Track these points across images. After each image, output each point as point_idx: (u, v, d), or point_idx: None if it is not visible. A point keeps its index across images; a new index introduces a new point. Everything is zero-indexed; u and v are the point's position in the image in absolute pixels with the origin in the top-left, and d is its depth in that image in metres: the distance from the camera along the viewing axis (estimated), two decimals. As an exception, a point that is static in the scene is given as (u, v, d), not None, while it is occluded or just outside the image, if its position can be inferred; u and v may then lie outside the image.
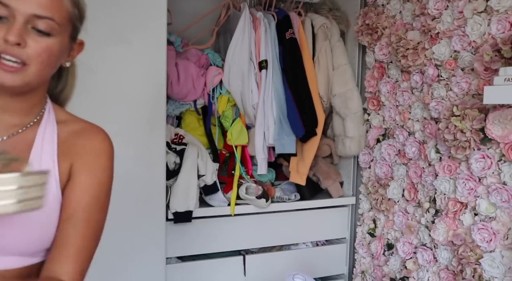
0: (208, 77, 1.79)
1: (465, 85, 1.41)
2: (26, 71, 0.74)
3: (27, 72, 0.74)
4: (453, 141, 1.39)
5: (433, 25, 1.51)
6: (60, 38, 0.78)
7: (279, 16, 1.85)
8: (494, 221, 1.33)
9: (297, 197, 1.96)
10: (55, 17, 0.75)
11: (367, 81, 1.87)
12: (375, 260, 1.85)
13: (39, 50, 0.74)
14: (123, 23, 1.37)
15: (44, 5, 0.74)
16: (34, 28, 0.74)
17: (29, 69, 0.74)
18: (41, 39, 0.74)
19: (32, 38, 0.74)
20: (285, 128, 1.80)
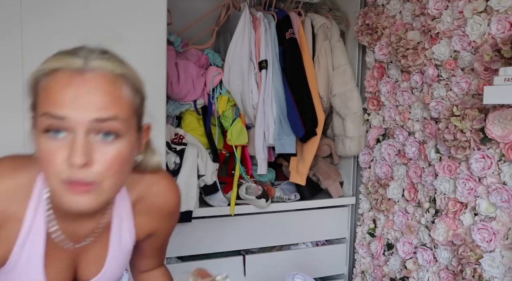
0: (208, 77, 1.79)
1: (465, 85, 1.41)
2: (100, 188, 0.66)
3: (101, 190, 0.66)
4: (453, 141, 1.39)
5: (433, 25, 1.51)
6: (128, 136, 0.68)
7: (279, 16, 1.85)
8: (494, 221, 1.33)
9: (297, 197, 1.96)
10: (118, 115, 0.66)
11: (367, 81, 1.87)
12: (375, 260, 1.85)
13: (109, 163, 0.65)
14: (123, 23, 1.37)
15: (104, 105, 0.64)
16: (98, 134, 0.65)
17: (103, 185, 0.66)
18: (108, 147, 0.65)
19: (98, 149, 0.65)
20: (285, 128, 1.80)
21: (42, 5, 1.27)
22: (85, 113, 0.63)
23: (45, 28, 1.28)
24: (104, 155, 0.65)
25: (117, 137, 0.66)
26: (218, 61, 1.84)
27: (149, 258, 1.01)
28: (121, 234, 0.86)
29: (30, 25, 1.27)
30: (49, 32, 1.29)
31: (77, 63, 0.65)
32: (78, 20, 1.31)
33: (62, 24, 1.30)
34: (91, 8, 1.33)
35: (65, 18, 1.30)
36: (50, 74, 0.65)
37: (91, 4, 1.33)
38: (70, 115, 0.63)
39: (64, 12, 1.30)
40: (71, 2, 1.30)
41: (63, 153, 0.64)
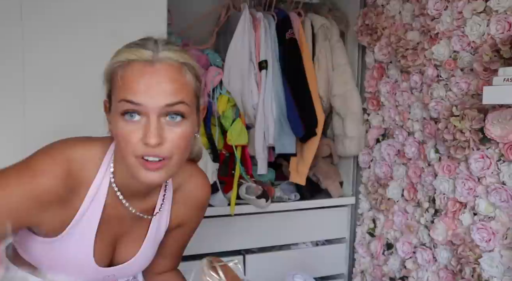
0: (208, 77, 1.79)
1: (465, 85, 1.41)
2: (169, 164, 0.76)
3: (170, 166, 0.77)
4: (453, 141, 1.40)
5: (432, 25, 1.51)
6: (191, 117, 0.79)
7: (279, 17, 1.85)
8: (493, 220, 1.33)
9: (297, 197, 1.96)
10: (184, 99, 0.76)
11: (367, 81, 1.88)
12: (374, 260, 1.85)
13: (177, 141, 0.76)
14: (123, 23, 1.37)
15: (173, 92, 0.74)
16: (167, 116, 0.75)
17: (171, 161, 0.76)
18: (176, 127, 0.76)
19: (168, 129, 0.75)
20: (285, 128, 1.80)
21: (43, 9, 1.27)
22: (157, 99, 0.73)
23: (46, 26, 1.29)
24: (173, 134, 0.75)
25: (183, 118, 0.76)
26: (218, 61, 1.84)
27: (168, 258, 1.06)
28: (160, 219, 0.94)
29: (31, 23, 1.27)
30: (50, 30, 1.29)
31: (147, 55, 0.75)
32: (78, 22, 1.32)
33: (62, 23, 1.30)
34: (91, 9, 1.33)
35: (65, 17, 1.30)
36: (125, 65, 0.75)
37: (91, 6, 1.33)
38: (145, 102, 0.73)
39: (64, 11, 1.30)
40: (72, 5, 1.31)
41: (139, 134, 0.74)
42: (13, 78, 1.27)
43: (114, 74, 0.76)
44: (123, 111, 0.74)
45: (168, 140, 0.75)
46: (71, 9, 1.31)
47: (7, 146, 1.27)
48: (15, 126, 1.28)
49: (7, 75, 1.26)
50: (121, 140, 0.75)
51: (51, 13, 1.29)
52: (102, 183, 0.83)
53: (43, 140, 1.28)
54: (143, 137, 0.73)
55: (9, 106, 1.27)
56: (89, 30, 1.34)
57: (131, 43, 0.79)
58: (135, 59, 0.75)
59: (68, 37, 1.32)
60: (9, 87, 1.27)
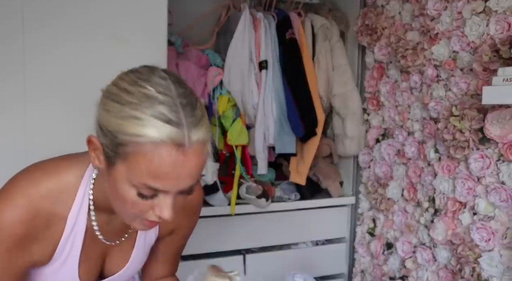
0: (209, 77, 1.79)
1: (464, 85, 1.41)
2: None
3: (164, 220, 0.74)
4: (452, 141, 1.40)
5: (432, 25, 1.52)
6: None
7: (279, 17, 1.85)
8: (492, 220, 1.33)
9: (297, 196, 1.96)
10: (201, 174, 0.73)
11: (367, 81, 1.88)
12: (374, 259, 1.86)
13: (181, 206, 0.73)
14: (124, 24, 1.38)
15: (197, 174, 0.70)
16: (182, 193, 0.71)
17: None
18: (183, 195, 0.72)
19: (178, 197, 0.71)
20: (285, 128, 1.80)
21: (43, 8, 1.27)
22: (183, 184, 0.68)
23: (46, 31, 1.28)
24: (181, 198, 0.72)
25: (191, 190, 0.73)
26: (218, 61, 1.84)
27: (164, 263, 1.02)
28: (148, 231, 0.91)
29: (32, 28, 1.27)
30: (51, 35, 1.29)
31: (179, 138, 0.65)
32: (79, 22, 1.32)
33: (63, 27, 1.30)
34: (92, 10, 1.33)
35: (66, 21, 1.30)
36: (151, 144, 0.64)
37: (92, 6, 1.33)
38: (169, 189, 0.68)
39: (65, 15, 1.30)
40: (72, 5, 1.31)
41: (150, 204, 0.70)
42: (14, 83, 1.27)
43: (135, 147, 0.65)
44: (140, 193, 0.68)
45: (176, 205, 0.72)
46: (72, 13, 1.31)
47: (9, 154, 1.27)
48: (17, 130, 1.28)
49: (9, 80, 1.26)
50: (126, 205, 0.71)
51: (51, 18, 1.29)
52: (80, 211, 0.78)
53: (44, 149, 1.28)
54: (156, 209, 0.70)
55: (11, 110, 1.27)
56: (90, 32, 1.34)
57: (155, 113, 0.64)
58: (165, 141, 0.64)
59: (69, 44, 1.31)
60: (10, 98, 1.27)
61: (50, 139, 1.31)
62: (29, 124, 1.29)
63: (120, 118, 0.65)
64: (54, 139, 1.32)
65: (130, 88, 0.66)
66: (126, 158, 0.66)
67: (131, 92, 0.66)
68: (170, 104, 0.65)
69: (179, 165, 0.65)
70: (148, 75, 0.69)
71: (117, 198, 0.71)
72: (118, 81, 0.70)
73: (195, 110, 0.67)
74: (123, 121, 0.64)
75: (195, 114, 0.67)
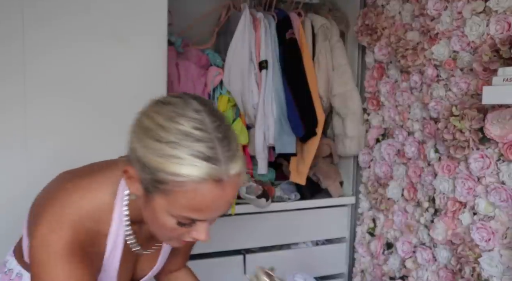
0: (209, 77, 1.79)
1: (464, 85, 1.41)
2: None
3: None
4: (452, 140, 1.40)
5: (432, 25, 1.52)
6: None
7: (279, 17, 1.85)
8: (492, 220, 1.33)
9: (297, 196, 1.96)
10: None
11: (367, 81, 1.88)
12: (374, 259, 1.86)
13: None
14: (124, 24, 1.38)
15: (232, 201, 0.75)
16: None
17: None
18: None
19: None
20: (285, 128, 1.80)
21: (43, 8, 1.27)
22: (220, 212, 0.74)
23: (47, 31, 1.28)
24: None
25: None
26: (218, 61, 1.84)
27: (180, 256, 1.06)
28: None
29: (32, 28, 1.27)
30: (51, 35, 1.29)
31: (218, 174, 0.68)
32: (79, 23, 1.32)
33: (63, 27, 1.30)
34: (92, 10, 1.33)
35: (66, 21, 1.30)
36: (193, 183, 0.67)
37: (92, 6, 1.33)
38: (208, 217, 0.73)
39: (65, 15, 1.30)
40: (72, 5, 1.31)
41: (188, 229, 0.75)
42: (14, 88, 1.27)
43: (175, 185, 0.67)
44: (180, 222, 0.73)
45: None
46: (72, 13, 1.31)
47: (8, 154, 1.28)
48: (17, 131, 1.28)
49: (9, 81, 1.26)
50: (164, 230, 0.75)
51: (52, 18, 1.29)
52: (120, 226, 0.82)
53: (44, 149, 1.30)
54: (193, 233, 0.75)
55: (11, 111, 1.27)
56: (90, 32, 1.34)
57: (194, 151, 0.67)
58: (205, 179, 0.67)
59: (69, 44, 1.31)
60: (10, 98, 1.27)
61: (50, 139, 1.31)
62: (29, 124, 1.29)
63: (160, 156, 0.67)
64: (54, 139, 1.32)
65: (166, 125, 0.68)
66: (167, 193, 0.69)
67: (168, 129, 0.67)
68: (207, 140, 0.67)
69: (218, 198, 0.69)
70: (183, 108, 0.70)
71: (155, 224, 0.76)
72: (153, 115, 0.71)
73: (231, 143, 0.70)
74: (163, 160, 0.67)
75: (231, 148, 0.69)
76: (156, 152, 0.67)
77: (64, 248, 0.75)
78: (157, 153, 0.67)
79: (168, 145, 0.67)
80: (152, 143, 0.68)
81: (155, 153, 0.67)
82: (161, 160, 0.67)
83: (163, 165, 0.67)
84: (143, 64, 1.43)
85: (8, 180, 1.28)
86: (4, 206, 1.27)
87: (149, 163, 0.68)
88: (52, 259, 0.75)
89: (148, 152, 0.68)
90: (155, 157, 0.67)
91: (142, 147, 0.69)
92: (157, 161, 0.67)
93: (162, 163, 0.67)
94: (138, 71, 1.42)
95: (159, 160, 0.67)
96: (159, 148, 0.67)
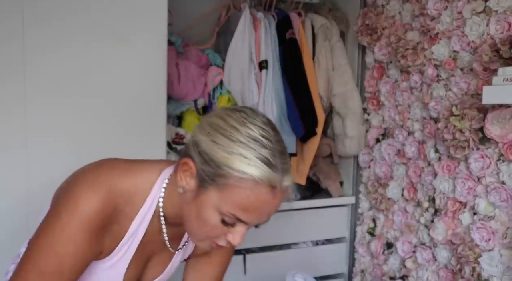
0: (209, 77, 1.79)
1: (464, 85, 1.41)
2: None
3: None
4: (452, 140, 1.40)
5: (432, 25, 1.52)
6: None
7: (279, 17, 1.85)
8: (492, 220, 1.34)
9: (297, 196, 1.96)
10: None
11: (367, 81, 1.88)
12: (374, 259, 1.86)
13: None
14: (124, 24, 1.38)
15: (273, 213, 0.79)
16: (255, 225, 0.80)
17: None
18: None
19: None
20: (285, 127, 1.80)
21: (43, 8, 1.27)
22: (263, 219, 0.79)
23: (47, 31, 1.28)
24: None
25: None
26: (218, 61, 1.84)
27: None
28: (185, 251, 0.98)
29: (32, 28, 1.27)
30: (51, 35, 1.29)
31: (276, 181, 0.74)
32: (79, 23, 1.31)
33: (63, 27, 1.30)
34: (92, 11, 1.34)
35: (66, 21, 1.30)
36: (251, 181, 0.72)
37: (92, 6, 1.33)
38: (252, 220, 0.77)
39: (65, 15, 1.30)
40: (72, 5, 1.31)
41: (226, 230, 0.78)
42: (14, 88, 1.26)
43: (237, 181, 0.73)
44: (224, 220, 0.76)
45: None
46: (72, 13, 1.31)
47: (8, 154, 1.27)
48: (17, 131, 1.28)
49: (8, 81, 1.26)
50: (204, 227, 0.78)
51: (52, 18, 1.29)
52: (147, 214, 0.83)
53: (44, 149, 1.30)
54: (229, 235, 0.78)
55: (11, 110, 1.27)
56: (90, 33, 1.34)
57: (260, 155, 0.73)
58: (264, 181, 0.73)
59: (69, 44, 1.31)
60: (10, 98, 1.27)
61: (50, 139, 1.31)
62: (29, 124, 1.29)
63: (229, 152, 0.73)
64: (54, 139, 1.32)
65: (239, 127, 0.75)
66: (224, 188, 0.73)
67: (239, 131, 0.74)
68: (271, 149, 0.74)
69: (268, 203, 0.75)
70: (253, 117, 0.77)
71: (197, 219, 0.78)
72: (225, 117, 0.77)
73: (286, 158, 0.77)
74: (231, 156, 0.72)
75: (287, 162, 0.77)
76: (225, 148, 0.73)
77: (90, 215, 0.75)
78: (226, 149, 0.73)
79: (237, 144, 0.73)
80: (223, 140, 0.73)
81: (224, 149, 0.73)
82: (229, 156, 0.72)
83: (230, 160, 0.72)
84: (143, 64, 1.43)
85: (8, 180, 1.28)
86: (4, 206, 1.27)
87: (215, 157, 0.73)
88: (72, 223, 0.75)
89: (217, 147, 0.73)
90: (223, 152, 0.73)
91: (211, 142, 0.74)
92: (225, 156, 0.72)
93: (230, 158, 0.72)
94: (138, 71, 1.42)
95: (227, 155, 0.72)
96: (229, 145, 0.73)
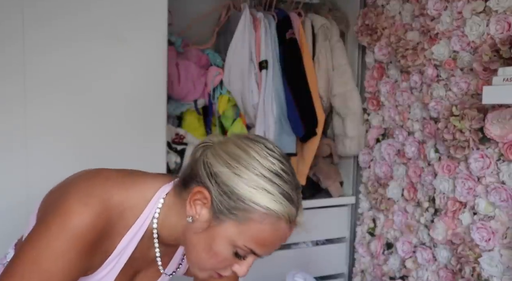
0: (209, 77, 1.79)
1: (464, 85, 1.41)
2: None
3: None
4: (452, 140, 1.40)
5: (432, 25, 1.52)
6: None
7: (279, 17, 1.86)
8: (492, 220, 1.34)
9: (297, 196, 1.96)
10: None
11: (367, 81, 1.88)
12: (374, 259, 1.86)
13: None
14: (124, 24, 1.38)
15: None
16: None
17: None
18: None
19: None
20: (285, 128, 1.80)
21: (43, 8, 1.27)
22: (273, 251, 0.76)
23: (47, 31, 1.28)
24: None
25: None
26: (218, 61, 1.84)
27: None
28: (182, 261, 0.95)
29: (32, 28, 1.27)
30: (51, 35, 1.29)
31: (294, 216, 0.74)
32: (79, 23, 1.32)
33: (63, 27, 1.30)
34: (92, 10, 1.34)
35: (66, 21, 1.30)
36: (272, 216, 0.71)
37: (92, 6, 1.33)
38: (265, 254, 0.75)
39: (65, 15, 1.30)
40: (72, 5, 1.31)
41: (234, 261, 0.76)
42: (14, 88, 1.27)
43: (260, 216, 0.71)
44: (237, 253, 0.75)
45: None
46: (72, 13, 1.31)
47: (8, 154, 1.28)
48: (17, 131, 1.28)
49: (8, 85, 1.26)
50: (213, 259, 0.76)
51: (52, 18, 1.29)
52: (138, 232, 0.79)
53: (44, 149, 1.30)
54: (236, 266, 0.77)
55: (11, 111, 1.27)
56: (91, 33, 1.34)
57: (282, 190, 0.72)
58: (285, 217, 0.73)
59: (69, 44, 1.31)
60: (10, 98, 1.27)
61: (50, 139, 1.32)
62: (29, 124, 1.29)
63: (254, 187, 0.71)
64: (54, 139, 1.32)
65: (261, 160, 0.72)
66: (242, 222, 0.71)
67: (263, 165, 0.72)
68: (291, 184, 0.74)
69: (283, 238, 0.75)
70: (272, 149, 0.75)
71: (207, 251, 0.75)
72: (245, 147, 0.74)
73: (299, 194, 0.77)
74: (256, 191, 0.70)
75: (300, 197, 0.77)
76: (249, 182, 0.71)
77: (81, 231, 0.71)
78: (251, 183, 0.71)
79: (263, 179, 0.71)
80: (246, 173, 0.71)
81: (248, 183, 0.71)
82: (254, 191, 0.70)
83: (254, 195, 0.70)
84: (143, 64, 1.43)
85: (8, 180, 1.28)
86: (4, 206, 1.27)
87: (238, 190, 0.71)
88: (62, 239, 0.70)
89: (240, 181, 0.71)
90: (247, 187, 0.70)
91: (233, 174, 0.71)
92: (249, 191, 0.70)
93: (254, 193, 0.70)
94: (138, 71, 1.42)
95: (252, 190, 0.70)
96: (254, 180, 0.71)
